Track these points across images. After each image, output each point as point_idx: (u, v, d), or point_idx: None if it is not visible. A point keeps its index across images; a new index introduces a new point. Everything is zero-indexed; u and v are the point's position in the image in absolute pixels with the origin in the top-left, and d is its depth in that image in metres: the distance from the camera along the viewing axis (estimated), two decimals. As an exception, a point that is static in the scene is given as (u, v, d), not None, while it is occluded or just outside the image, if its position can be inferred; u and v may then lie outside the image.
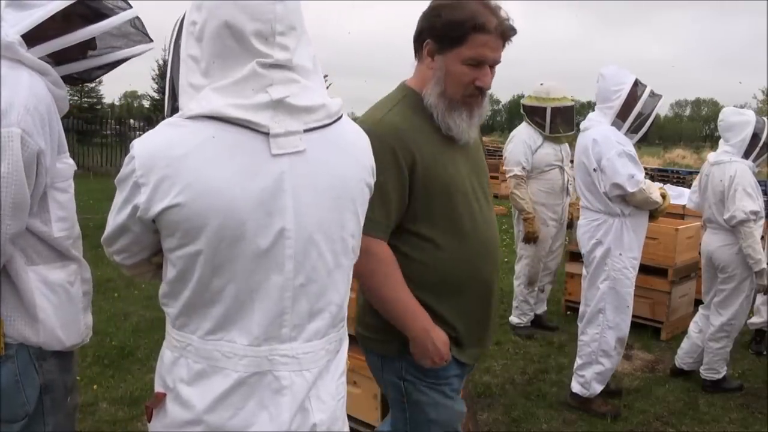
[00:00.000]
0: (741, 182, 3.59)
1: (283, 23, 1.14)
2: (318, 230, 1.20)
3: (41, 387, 1.63)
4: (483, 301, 1.88)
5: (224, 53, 1.14)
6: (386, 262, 1.70)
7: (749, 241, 3.55)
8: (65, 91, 1.61)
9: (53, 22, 1.54)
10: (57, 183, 1.59)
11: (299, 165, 1.17)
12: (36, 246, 1.58)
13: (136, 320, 4.89)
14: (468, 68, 1.70)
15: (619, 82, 3.36)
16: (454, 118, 1.75)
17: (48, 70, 1.55)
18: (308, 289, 1.21)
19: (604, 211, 3.37)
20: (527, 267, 4.77)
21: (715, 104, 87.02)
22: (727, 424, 3.51)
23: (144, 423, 3.24)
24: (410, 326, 1.73)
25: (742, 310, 3.79)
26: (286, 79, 1.16)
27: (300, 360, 1.22)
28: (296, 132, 1.16)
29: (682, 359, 4.08)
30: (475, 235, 1.82)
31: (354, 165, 1.27)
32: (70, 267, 1.66)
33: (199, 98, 1.15)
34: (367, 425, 2.96)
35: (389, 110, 1.77)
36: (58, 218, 1.60)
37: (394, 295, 1.72)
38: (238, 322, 1.18)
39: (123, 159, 3.41)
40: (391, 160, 1.68)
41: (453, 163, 1.80)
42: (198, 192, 1.12)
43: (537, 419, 3.46)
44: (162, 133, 1.16)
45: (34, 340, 1.59)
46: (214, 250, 1.14)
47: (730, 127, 3.77)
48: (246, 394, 1.19)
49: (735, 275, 3.71)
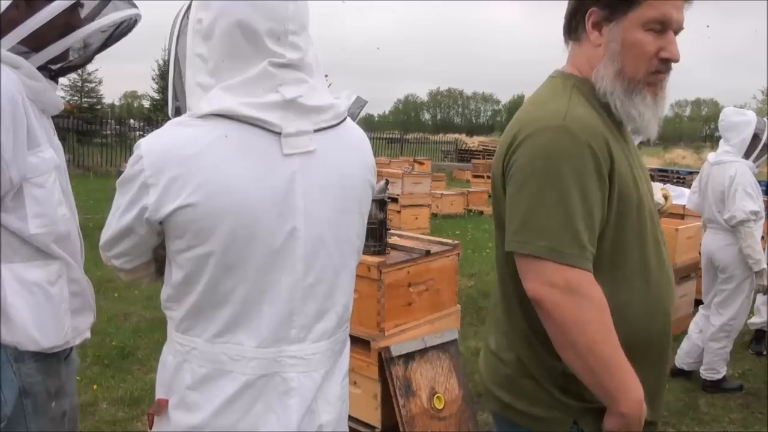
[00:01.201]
0: (741, 182, 3.59)
1: (295, 22, 1.14)
2: (327, 230, 1.20)
3: (20, 390, 1.57)
4: (663, 358, 1.44)
5: (235, 52, 1.13)
6: (602, 308, 1.23)
7: (749, 241, 3.55)
8: (44, 83, 1.55)
9: (17, 10, 1.49)
10: (31, 178, 1.52)
11: (310, 165, 1.17)
12: (11, 243, 1.52)
13: (136, 320, 4.89)
14: (651, 35, 1.31)
15: None
16: (636, 105, 1.34)
17: (19, 63, 1.50)
18: (317, 289, 1.20)
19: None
20: None
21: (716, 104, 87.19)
22: (727, 424, 3.51)
23: (144, 423, 3.24)
24: (622, 398, 1.24)
25: (743, 310, 3.79)
26: (296, 79, 1.16)
27: (308, 361, 1.21)
28: (307, 132, 1.16)
29: (682, 359, 4.08)
30: (661, 273, 1.38)
31: (359, 165, 1.27)
32: (51, 266, 1.59)
33: (209, 97, 1.13)
34: (367, 425, 2.96)
35: (569, 101, 1.33)
36: (35, 214, 1.53)
37: (608, 352, 1.23)
38: (246, 323, 1.17)
39: (122, 159, 3.41)
40: (591, 163, 1.25)
41: (637, 170, 1.38)
42: (211, 191, 1.10)
43: (537, 419, 3.45)
44: (171, 132, 1.14)
45: (8, 339, 1.53)
46: (226, 251, 1.12)
47: (731, 127, 3.77)
48: (253, 396, 1.17)
49: (735, 275, 3.70)
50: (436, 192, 11.20)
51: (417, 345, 2.90)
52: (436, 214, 10.76)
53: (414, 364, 2.87)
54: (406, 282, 2.96)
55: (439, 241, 3.39)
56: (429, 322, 3.09)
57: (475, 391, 3.70)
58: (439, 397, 2.89)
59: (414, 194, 9.30)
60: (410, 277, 2.98)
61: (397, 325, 2.93)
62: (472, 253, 7.95)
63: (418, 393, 2.83)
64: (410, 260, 2.98)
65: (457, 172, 19.38)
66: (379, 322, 2.85)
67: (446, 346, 3.02)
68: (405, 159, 17.29)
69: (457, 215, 11.38)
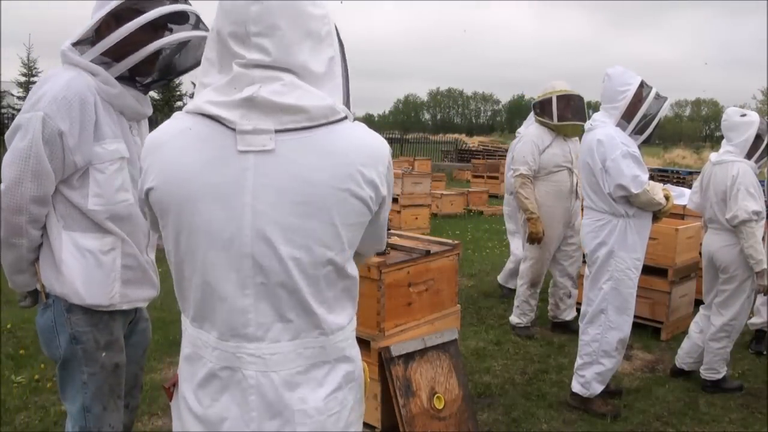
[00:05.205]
0: (743, 182, 3.59)
1: (259, 24, 1.13)
2: (277, 233, 1.15)
3: (71, 336, 1.91)
4: None
5: (216, 56, 1.20)
6: None
7: (751, 242, 3.55)
8: (119, 89, 1.87)
9: (108, 26, 1.83)
10: (96, 164, 1.87)
11: (266, 165, 1.14)
12: (73, 215, 1.89)
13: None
14: None
15: (626, 83, 3.35)
16: None
17: (97, 71, 1.84)
18: (271, 290, 1.18)
19: (608, 212, 3.37)
20: (531, 269, 4.73)
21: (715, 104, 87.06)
22: (727, 424, 3.51)
23: (144, 423, 3.24)
24: None
25: (743, 311, 3.78)
26: (268, 78, 1.14)
27: (266, 361, 1.20)
28: (267, 131, 1.14)
29: (683, 359, 4.08)
30: None
31: (332, 172, 1.17)
32: (106, 239, 1.91)
33: (197, 95, 1.20)
34: (367, 425, 2.96)
35: None
36: (94, 194, 1.88)
37: None
38: (208, 314, 1.22)
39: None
40: None
41: None
42: (166, 178, 1.17)
43: (537, 419, 3.45)
44: (162, 125, 1.24)
45: (58, 291, 1.89)
46: (177, 238, 1.19)
47: (734, 126, 3.77)
48: (220, 386, 1.22)
49: (736, 276, 3.70)
50: (436, 192, 11.20)
51: (417, 345, 2.90)
52: (436, 214, 10.76)
53: (414, 364, 2.87)
54: (406, 282, 2.96)
55: (439, 241, 3.39)
56: (429, 322, 3.09)
57: (475, 391, 3.70)
58: (439, 397, 2.89)
59: (414, 194, 9.30)
60: (410, 277, 2.97)
61: (397, 325, 2.93)
62: (472, 253, 7.95)
63: (418, 393, 2.83)
64: (410, 260, 2.98)
65: (457, 172, 19.38)
66: (379, 322, 2.85)
67: (446, 346, 3.02)
68: (405, 159, 17.29)
69: (457, 215, 11.38)
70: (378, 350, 2.81)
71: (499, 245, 8.59)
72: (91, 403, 1.95)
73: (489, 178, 15.05)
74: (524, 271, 4.79)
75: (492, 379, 3.93)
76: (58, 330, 1.91)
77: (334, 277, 1.23)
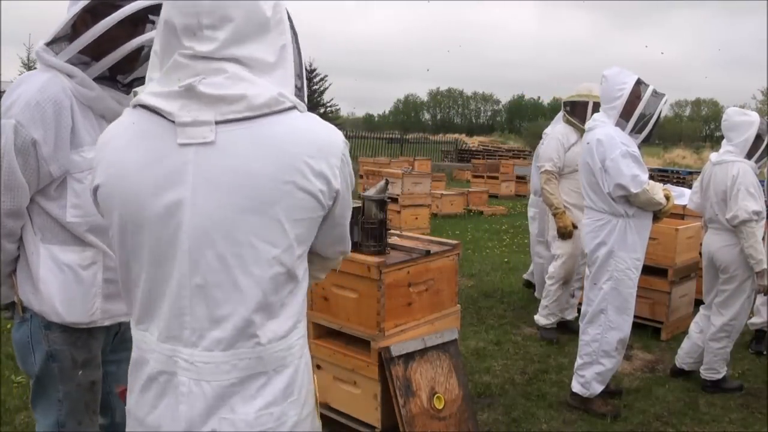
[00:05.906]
0: (743, 182, 3.59)
1: (212, 16, 1.10)
2: (217, 229, 1.10)
3: (47, 354, 1.80)
4: None
5: (164, 48, 1.16)
6: None
7: (751, 242, 3.55)
8: (97, 91, 1.75)
9: (84, 23, 1.71)
10: (74, 173, 1.75)
11: (207, 157, 1.10)
12: (51, 227, 1.76)
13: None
14: None
15: (621, 82, 3.37)
16: None
17: (74, 72, 1.72)
18: (208, 292, 1.12)
19: (608, 212, 3.37)
20: (563, 266, 4.66)
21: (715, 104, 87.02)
22: (727, 424, 3.51)
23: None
24: None
25: (744, 311, 3.79)
26: (211, 70, 1.11)
27: (199, 369, 1.13)
28: (207, 123, 1.09)
29: (683, 359, 4.08)
30: None
31: (274, 164, 1.11)
32: (86, 252, 1.79)
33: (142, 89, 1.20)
34: (367, 425, 2.96)
35: None
36: (73, 205, 1.76)
37: None
38: (152, 313, 1.17)
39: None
40: None
41: None
42: (110, 174, 1.15)
43: (537, 419, 3.45)
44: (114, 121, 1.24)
45: (36, 308, 1.77)
46: (123, 235, 1.16)
47: (734, 126, 3.77)
48: (159, 392, 1.16)
49: (736, 276, 3.70)
50: (436, 192, 11.19)
51: (417, 345, 2.90)
52: (436, 214, 10.76)
53: (414, 364, 2.87)
54: (406, 282, 2.96)
55: (439, 241, 3.39)
56: (429, 322, 3.08)
57: (475, 391, 3.70)
58: (439, 397, 2.89)
59: (414, 194, 9.29)
60: (410, 277, 2.97)
61: (397, 325, 2.93)
62: (472, 253, 7.94)
63: (418, 393, 2.83)
64: (410, 260, 2.98)
65: (457, 172, 19.37)
66: (379, 322, 2.85)
67: (446, 346, 3.02)
68: (405, 159, 17.28)
69: (457, 215, 11.38)
70: (378, 350, 2.81)
71: (499, 245, 8.59)
72: (65, 420, 1.87)
73: (489, 178, 15.05)
74: (555, 270, 4.71)
75: (492, 379, 3.93)
76: (33, 347, 1.81)
77: (283, 280, 1.16)
